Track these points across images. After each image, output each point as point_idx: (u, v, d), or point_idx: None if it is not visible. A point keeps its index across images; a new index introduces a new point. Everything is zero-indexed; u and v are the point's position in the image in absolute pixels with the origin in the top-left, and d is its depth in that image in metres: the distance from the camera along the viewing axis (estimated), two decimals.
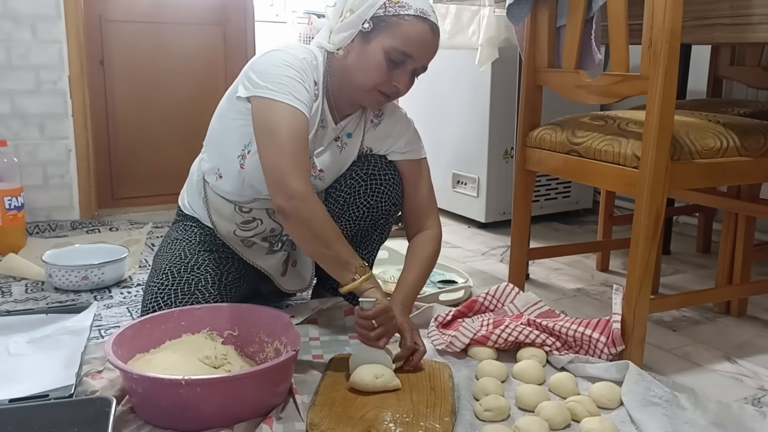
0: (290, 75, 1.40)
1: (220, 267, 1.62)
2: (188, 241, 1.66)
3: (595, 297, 2.03)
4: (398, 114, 1.65)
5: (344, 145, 1.60)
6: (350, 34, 1.44)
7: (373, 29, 1.42)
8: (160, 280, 1.55)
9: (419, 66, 1.46)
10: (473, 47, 2.65)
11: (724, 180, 1.57)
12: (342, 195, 1.62)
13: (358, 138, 1.61)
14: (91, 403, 1.13)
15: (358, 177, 1.61)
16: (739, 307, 1.86)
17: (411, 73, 1.46)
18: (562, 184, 2.95)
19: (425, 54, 1.45)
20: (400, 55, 1.41)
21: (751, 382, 1.49)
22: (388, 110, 1.63)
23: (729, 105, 2.14)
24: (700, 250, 2.49)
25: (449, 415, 1.25)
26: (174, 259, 1.60)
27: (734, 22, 1.49)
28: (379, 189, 1.60)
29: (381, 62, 1.42)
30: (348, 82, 1.49)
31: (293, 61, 1.43)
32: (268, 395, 1.25)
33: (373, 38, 1.42)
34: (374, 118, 1.62)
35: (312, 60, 1.49)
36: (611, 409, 1.32)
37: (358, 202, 1.61)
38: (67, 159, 2.68)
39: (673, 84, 1.39)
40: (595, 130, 1.62)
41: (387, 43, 1.41)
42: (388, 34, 1.41)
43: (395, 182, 1.62)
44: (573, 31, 1.62)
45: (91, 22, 2.74)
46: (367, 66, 1.43)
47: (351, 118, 1.58)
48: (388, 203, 1.62)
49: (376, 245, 1.74)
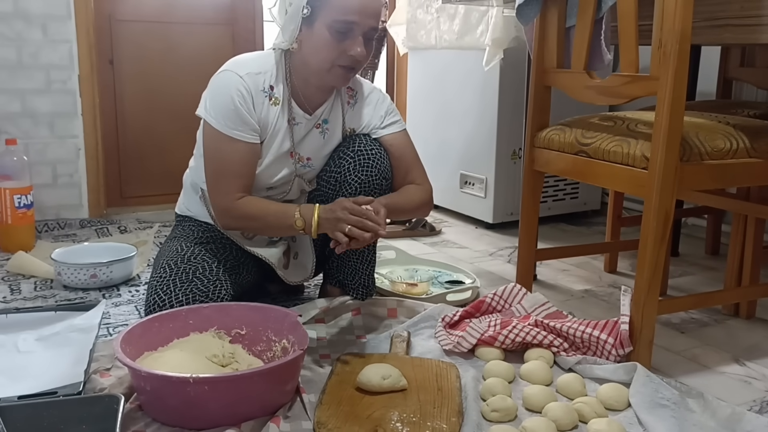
0: (230, 105, 1.51)
1: (218, 255, 1.65)
2: (185, 237, 1.70)
3: (602, 298, 2.03)
4: (372, 90, 1.72)
5: (326, 130, 1.65)
6: (296, 25, 1.49)
7: (313, 12, 1.46)
8: (159, 274, 1.57)
9: (368, 29, 1.48)
10: (481, 48, 2.65)
11: (733, 181, 1.56)
12: (333, 175, 1.65)
13: (338, 122, 1.67)
14: (100, 400, 1.13)
15: (346, 156, 1.64)
16: (748, 310, 1.85)
17: (363, 39, 1.48)
18: (570, 185, 2.94)
19: (368, 15, 1.47)
20: (342, 25, 1.45)
21: (760, 384, 1.48)
22: (361, 89, 1.70)
23: (739, 106, 2.13)
24: (709, 252, 2.48)
25: (456, 416, 1.25)
26: (171, 254, 1.63)
27: (744, 23, 1.48)
28: (368, 164, 1.62)
29: (328, 38, 1.46)
30: (309, 71, 1.55)
31: (235, 90, 1.51)
32: (275, 394, 1.25)
33: (315, 20, 1.47)
34: (349, 99, 1.68)
35: (263, 70, 1.56)
36: (619, 411, 1.32)
37: (349, 179, 1.62)
38: (77, 158, 2.69)
39: (683, 85, 1.39)
40: (603, 130, 1.62)
41: (327, 19, 1.45)
42: (326, 10, 1.45)
43: (382, 156, 1.65)
44: (582, 32, 1.62)
45: (101, 22, 2.75)
46: (317, 47, 1.49)
47: (325, 105, 1.64)
48: (379, 177, 1.64)
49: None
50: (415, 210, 1.71)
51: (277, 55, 1.59)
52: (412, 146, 1.73)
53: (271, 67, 1.57)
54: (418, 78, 3.17)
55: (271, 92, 1.56)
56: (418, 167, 1.72)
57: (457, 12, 2.77)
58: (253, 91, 1.53)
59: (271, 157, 1.60)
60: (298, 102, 1.60)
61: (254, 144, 1.55)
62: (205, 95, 1.57)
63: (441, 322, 1.65)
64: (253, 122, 1.54)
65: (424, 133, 3.08)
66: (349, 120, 1.68)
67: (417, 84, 3.17)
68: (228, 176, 1.54)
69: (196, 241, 1.67)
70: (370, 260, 1.75)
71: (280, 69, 1.58)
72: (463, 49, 2.80)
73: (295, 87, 1.59)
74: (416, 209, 1.70)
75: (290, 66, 1.59)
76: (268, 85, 1.56)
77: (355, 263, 1.73)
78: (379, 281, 1.93)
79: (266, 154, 1.59)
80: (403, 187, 1.68)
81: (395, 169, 1.68)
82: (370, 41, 1.51)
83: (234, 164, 1.53)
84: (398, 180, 1.69)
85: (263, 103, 1.55)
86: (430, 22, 2.94)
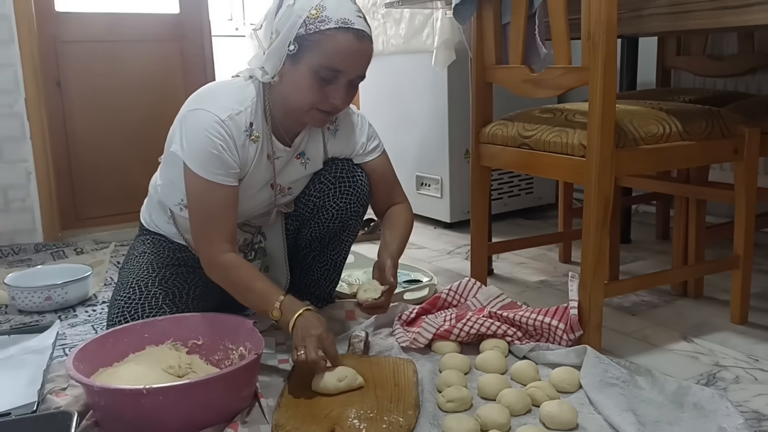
0: (213, 151, 1.41)
1: (188, 281, 1.63)
2: (156, 255, 1.67)
3: (558, 288, 2.07)
4: (352, 114, 1.66)
5: (307, 161, 1.61)
6: (279, 59, 1.41)
7: (299, 50, 1.38)
8: (127, 294, 1.55)
9: (354, 77, 1.42)
10: (428, 50, 2.69)
11: (669, 164, 1.62)
12: (312, 199, 1.64)
13: (318, 151, 1.62)
14: (53, 418, 1.13)
15: (327, 181, 1.63)
16: (696, 289, 1.91)
17: (347, 86, 1.43)
18: (525, 181, 3.00)
19: (355, 64, 1.41)
20: (328, 72, 1.38)
21: (707, 359, 1.53)
22: (343, 115, 1.64)
23: (676, 93, 2.20)
24: (659, 237, 2.55)
25: (413, 409, 1.27)
26: (141, 272, 1.61)
27: (670, 11, 1.53)
28: (347, 191, 1.63)
29: (311, 82, 1.39)
30: (288, 106, 1.48)
31: (216, 134, 1.41)
32: (232, 400, 1.26)
33: (300, 59, 1.39)
34: (329, 126, 1.62)
35: (243, 107, 1.46)
36: (571, 393, 1.35)
37: (327, 206, 1.63)
38: (28, 182, 2.66)
39: (613, 73, 1.43)
40: (543, 122, 1.66)
41: (314, 62, 1.37)
42: (314, 52, 1.37)
43: (362, 184, 1.65)
44: (517, 28, 1.66)
45: (45, 44, 2.73)
46: (298, 88, 1.41)
47: (303, 134, 1.57)
48: (356, 204, 1.65)
49: (346, 245, 1.75)
50: (410, 231, 1.69)
51: (256, 87, 1.50)
52: (391, 166, 1.72)
53: (251, 103, 1.48)
54: (370, 84, 3.18)
55: (251, 129, 1.48)
56: (399, 186, 1.73)
57: (402, 16, 2.81)
58: (235, 134, 1.44)
59: (252, 192, 1.56)
60: (278, 136, 1.53)
61: (235, 186, 1.48)
62: (180, 133, 1.45)
63: (398, 321, 1.68)
64: (235, 165, 1.45)
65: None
66: (331, 148, 1.63)
67: (369, 90, 3.20)
68: (213, 222, 1.45)
69: (167, 263, 1.64)
70: (334, 278, 1.78)
71: (259, 103, 1.49)
72: (410, 52, 2.83)
73: (275, 120, 1.51)
74: (410, 230, 1.69)
75: (269, 99, 1.50)
76: (248, 122, 1.47)
77: (318, 277, 1.76)
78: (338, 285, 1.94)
79: (247, 189, 1.53)
80: (389, 210, 1.69)
81: (378, 191, 1.68)
82: (354, 87, 1.46)
83: (219, 209, 1.45)
84: (381, 200, 1.70)
85: (245, 143, 1.47)
86: (377, 28, 2.97)
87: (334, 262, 1.75)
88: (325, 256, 1.73)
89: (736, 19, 1.43)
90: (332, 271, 1.76)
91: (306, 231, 1.69)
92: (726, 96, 2.14)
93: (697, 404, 1.26)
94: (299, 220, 1.68)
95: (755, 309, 1.78)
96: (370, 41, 1.42)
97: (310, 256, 1.73)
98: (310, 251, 1.73)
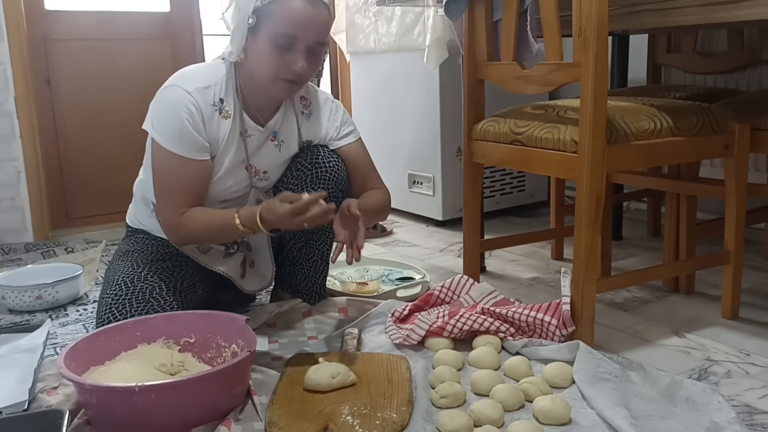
0: (178, 125, 1.47)
1: (174, 274, 1.63)
2: (140, 252, 1.67)
3: (550, 284, 2.07)
4: (326, 100, 1.71)
5: (282, 143, 1.64)
6: (242, 36, 1.47)
7: (258, 22, 1.44)
8: (113, 292, 1.55)
9: (312, 43, 1.46)
10: (420, 48, 2.69)
11: (660, 160, 1.62)
12: (289, 187, 1.65)
13: (293, 134, 1.66)
14: (44, 417, 1.12)
15: (303, 168, 1.64)
16: (687, 285, 1.91)
17: (306, 53, 1.46)
18: (517, 178, 3.00)
19: (310, 29, 1.45)
20: (284, 39, 1.43)
21: (698, 354, 1.54)
22: (316, 99, 1.69)
23: (666, 90, 2.21)
24: (651, 233, 2.56)
25: (406, 405, 1.27)
26: (126, 270, 1.60)
27: (660, 7, 1.54)
28: (325, 176, 1.64)
29: (270, 51, 1.44)
30: (255, 81, 1.52)
31: (183, 108, 1.47)
32: (224, 398, 1.25)
33: (259, 31, 1.45)
34: (303, 109, 1.66)
35: (213, 83, 1.52)
36: (564, 388, 1.35)
37: (306, 192, 1.63)
38: (17, 181, 2.65)
39: (604, 69, 1.44)
40: (535, 119, 1.66)
41: (271, 31, 1.43)
42: (270, 21, 1.43)
43: (340, 168, 1.66)
44: (509, 24, 1.67)
45: (35, 42, 2.71)
46: (261, 59, 1.46)
47: (277, 117, 1.62)
48: (336, 189, 1.65)
49: (330, 235, 1.74)
50: (380, 212, 1.71)
51: (227, 66, 1.55)
52: (367, 153, 1.74)
53: (221, 79, 1.53)
54: (362, 82, 3.20)
55: (222, 105, 1.52)
56: (375, 173, 1.74)
57: (394, 14, 2.81)
58: (202, 107, 1.49)
59: (225, 171, 1.58)
60: (250, 114, 1.57)
61: (203, 162, 1.51)
62: (151, 109, 1.53)
63: (391, 317, 1.67)
64: (203, 141, 1.50)
65: (371, 136, 3.09)
66: (305, 132, 1.66)
67: (361, 89, 3.20)
68: (177, 194, 1.50)
69: (152, 259, 1.65)
70: (323, 269, 1.78)
71: (230, 80, 1.54)
72: (402, 51, 2.83)
73: (246, 98, 1.56)
74: (380, 211, 1.71)
75: (240, 77, 1.55)
76: (218, 98, 1.52)
77: (308, 270, 1.75)
78: (329, 283, 1.94)
79: (219, 168, 1.56)
80: (368, 192, 1.70)
81: (353, 178, 1.70)
82: (315, 55, 1.49)
83: (182, 183, 1.50)
84: (357, 188, 1.71)
85: (213, 118, 1.51)
86: (369, 26, 2.97)
87: (321, 253, 1.75)
88: (311, 247, 1.73)
89: (726, 15, 1.44)
90: (320, 262, 1.76)
91: None
92: (716, 93, 2.15)
93: (689, 398, 1.27)
94: None
95: (746, 304, 1.79)
96: (324, 7, 1.48)
97: (296, 248, 1.73)
98: (295, 242, 1.72)
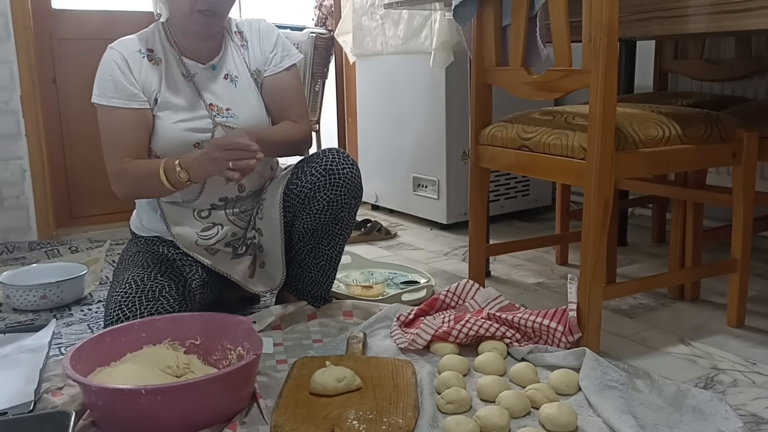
0: (107, 76, 1.58)
1: (184, 274, 1.64)
2: (150, 253, 1.68)
3: (555, 290, 2.07)
4: (260, 24, 1.76)
5: (235, 78, 1.70)
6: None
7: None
8: (123, 290, 1.55)
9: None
10: (426, 51, 2.69)
11: (668, 167, 1.62)
12: (303, 191, 1.66)
13: (241, 67, 1.71)
14: (50, 418, 1.12)
15: (317, 173, 1.65)
16: (693, 292, 1.91)
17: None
18: (521, 183, 3.00)
19: None
20: None
21: (704, 362, 1.53)
22: (249, 28, 1.74)
23: (673, 97, 2.21)
24: (655, 240, 2.55)
25: (412, 410, 1.27)
26: (136, 269, 1.61)
27: (669, 15, 1.54)
28: (338, 183, 1.65)
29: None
30: (180, 25, 1.62)
31: (110, 61, 1.58)
32: (230, 401, 1.25)
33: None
34: (241, 42, 1.73)
35: (139, 38, 1.63)
36: (570, 395, 1.35)
37: (318, 197, 1.65)
38: (22, 179, 2.65)
39: (614, 76, 1.44)
40: (543, 125, 1.66)
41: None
42: None
43: (354, 175, 1.68)
44: (517, 30, 1.66)
45: (41, 41, 2.72)
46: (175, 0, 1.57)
47: (220, 56, 1.69)
48: (348, 196, 1.66)
49: (339, 240, 1.75)
50: (289, 143, 1.70)
51: (157, 25, 1.66)
52: (298, 83, 1.77)
53: (149, 33, 1.64)
54: (367, 85, 3.20)
55: (151, 54, 1.62)
56: (299, 106, 1.76)
57: (401, 17, 2.81)
58: (126, 55, 1.58)
59: (180, 108, 1.62)
60: (187, 56, 1.65)
61: (139, 110, 1.59)
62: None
63: (396, 322, 1.67)
64: (132, 88, 1.58)
65: (375, 138, 3.11)
66: (251, 61, 1.72)
67: (366, 91, 3.20)
68: (115, 143, 1.58)
69: (161, 260, 1.66)
70: (331, 274, 1.78)
71: (159, 32, 1.65)
72: (409, 53, 2.83)
73: (181, 45, 1.65)
74: (289, 142, 1.70)
75: (169, 28, 1.65)
76: (144, 48, 1.62)
77: (315, 274, 1.75)
78: (334, 286, 1.94)
79: (174, 107, 1.62)
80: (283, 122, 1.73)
81: (272, 105, 1.72)
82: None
83: (119, 131, 1.58)
84: (275, 116, 1.73)
85: (141, 65, 1.60)
86: (376, 29, 2.97)
87: (330, 258, 1.75)
88: (319, 251, 1.73)
89: (736, 23, 1.43)
90: (328, 267, 1.76)
91: (298, 223, 1.69)
92: (724, 100, 2.15)
93: (696, 407, 1.26)
94: (291, 211, 1.68)
95: (752, 312, 1.78)
96: None
97: (304, 251, 1.73)
98: (303, 245, 1.72)
